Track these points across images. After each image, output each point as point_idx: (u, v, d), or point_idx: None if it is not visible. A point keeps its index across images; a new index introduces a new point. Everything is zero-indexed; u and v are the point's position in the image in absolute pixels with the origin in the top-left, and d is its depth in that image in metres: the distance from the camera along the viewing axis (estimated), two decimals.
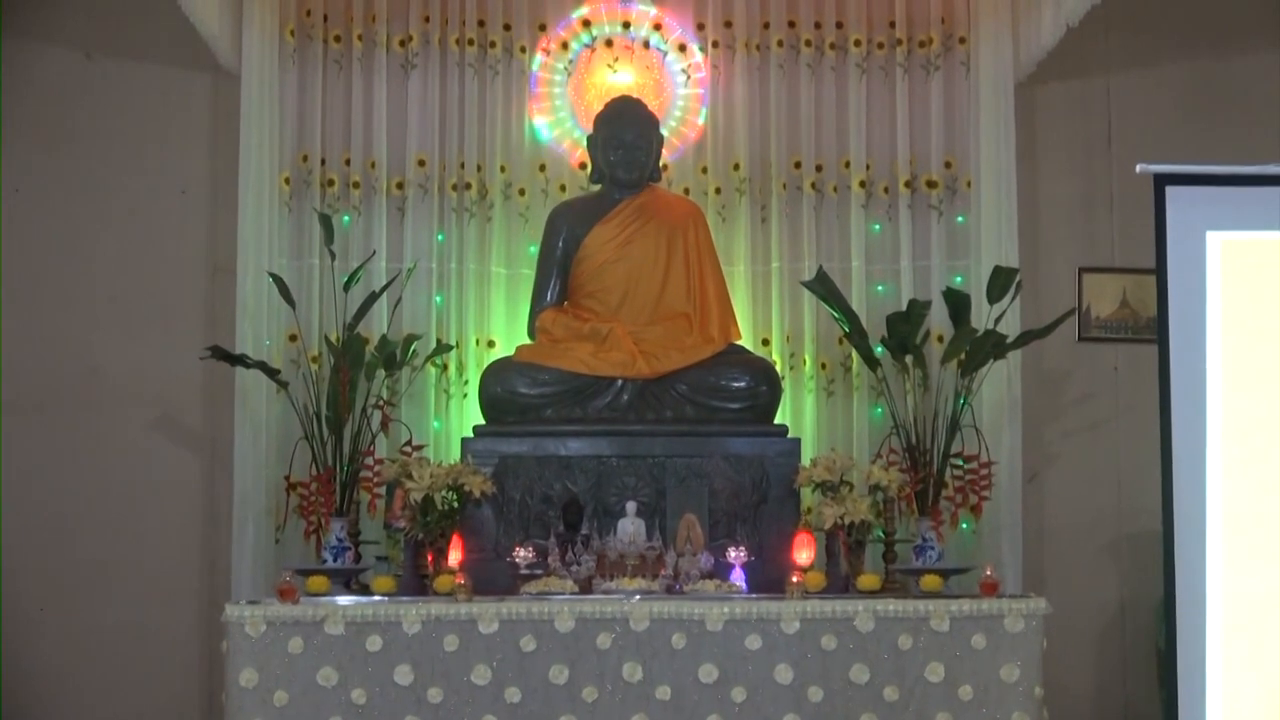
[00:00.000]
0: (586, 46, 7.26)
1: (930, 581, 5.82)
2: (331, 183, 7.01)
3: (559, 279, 6.79)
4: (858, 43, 7.15)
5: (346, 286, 6.68)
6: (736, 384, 6.44)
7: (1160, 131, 7.15)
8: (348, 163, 7.03)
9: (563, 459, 6.23)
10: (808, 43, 7.17)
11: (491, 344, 7.01)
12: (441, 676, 5.33)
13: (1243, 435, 4.64)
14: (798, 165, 7.12)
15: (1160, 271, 4.73)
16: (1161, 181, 4.76)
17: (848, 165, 7.12)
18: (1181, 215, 4.72)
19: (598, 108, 6.95)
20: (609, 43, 7.24)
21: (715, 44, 7.20)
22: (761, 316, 7.07)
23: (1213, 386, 4.67)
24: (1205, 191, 4.76)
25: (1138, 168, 4.80)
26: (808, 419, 6.97)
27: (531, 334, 6.76)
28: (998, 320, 6.54)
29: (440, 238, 7.04)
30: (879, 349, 6.74)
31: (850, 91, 7.16)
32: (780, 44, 7.17)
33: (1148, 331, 6.89)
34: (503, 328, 7.03)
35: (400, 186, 7.03)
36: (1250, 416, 4.65)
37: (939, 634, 5.41)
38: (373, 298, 6.67)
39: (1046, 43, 6.76)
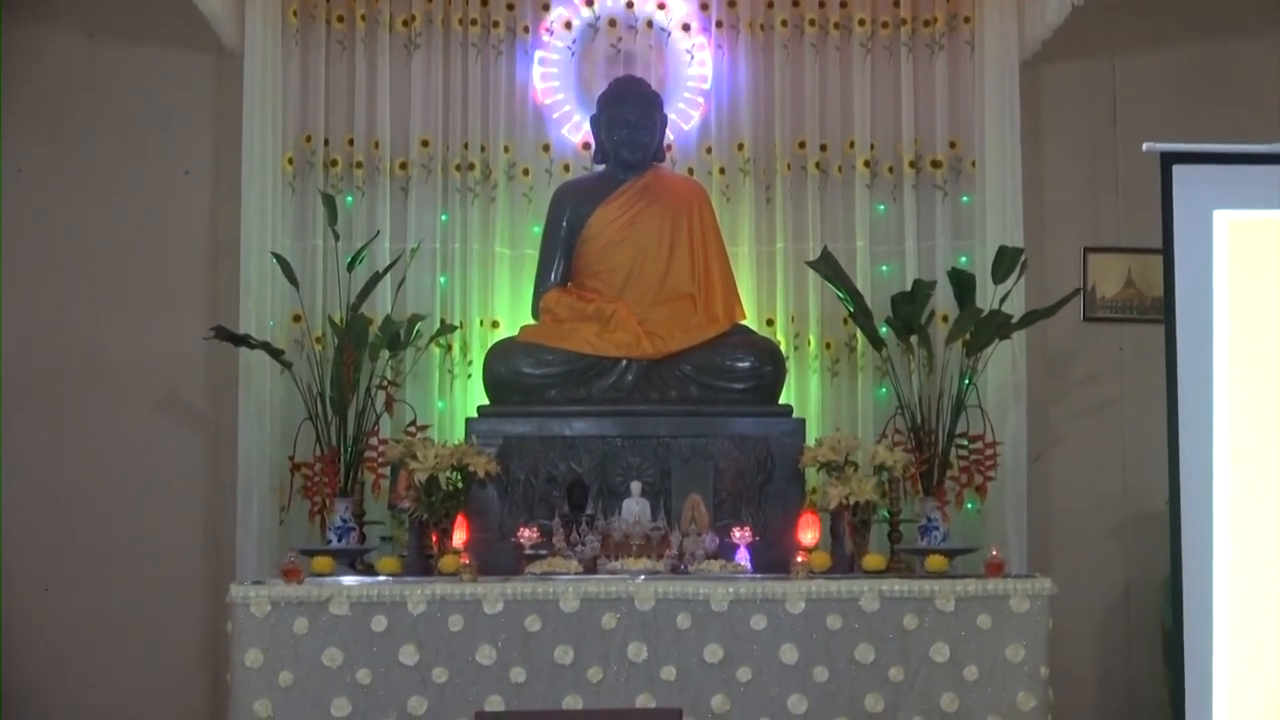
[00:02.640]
0: (590, 26, 7.24)
1: (935, 562, 5.82)
2: (335, 163, 7.00)
3: (563, 259, 6.78)
4: (862, 22, 7.13)
5: (350, 267, 6.67)
6: (741, 364, 6.43)
7: (1165, 111, 7.12)
8: (351, 143, 7.02)
9: (567, 439, 6.22)
10: (811, 22, 7.15)
11: (495, 324, 7.00)
12: (446, 657, 5.34)
13: (1250, 415, 4.61)
14: (802, 145, 7.11)
15: (1167, 251, 4.69)
16: (1169, 160, 4.71)
17: (852, 145, 7.10)
18: (1188, 194, 4.68)
19: (601, 87, 6.94)
20: (612, 22, 7.22)
21: (719, 24, 7.18)
22: (766, 297, 7.06)
23: (1220, 367, 4.64)
24: (1213, 170, 4.72)
25: (1144, 146, 4.75)
26: (812, 399, 6.96)
27: (535, 314, 6.75)
28: (1003, 300, 6.54)
29: (444, 218, 7.03)
30: (884, 329, 6.73)
31: (854, 71, 7.14)
32: (784, 24, 7.14)
33: (1153, 312, 6.87)
34: (507, 308, 7.02)
35: (404, 167, 7.01)
36: (1258, 396, 4.62)
37: (944, 614, 5.41)
38: (376, 278, 6.66)
39: (1052, 22, 6.72)
